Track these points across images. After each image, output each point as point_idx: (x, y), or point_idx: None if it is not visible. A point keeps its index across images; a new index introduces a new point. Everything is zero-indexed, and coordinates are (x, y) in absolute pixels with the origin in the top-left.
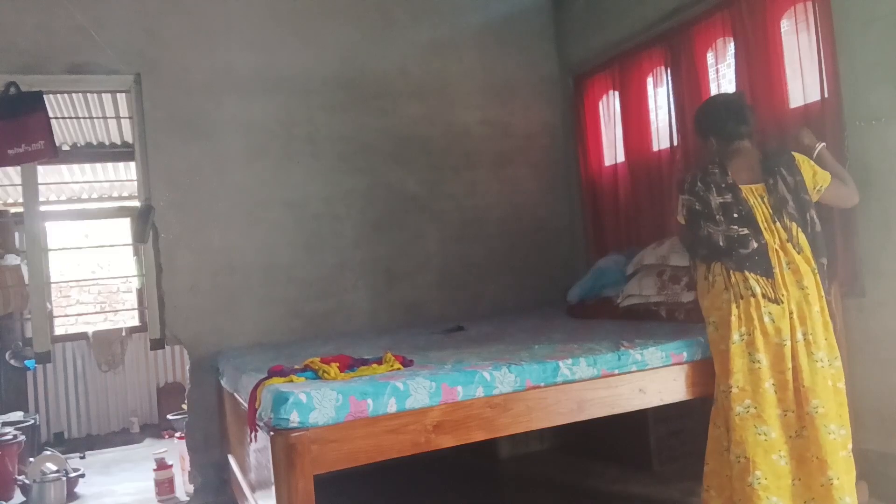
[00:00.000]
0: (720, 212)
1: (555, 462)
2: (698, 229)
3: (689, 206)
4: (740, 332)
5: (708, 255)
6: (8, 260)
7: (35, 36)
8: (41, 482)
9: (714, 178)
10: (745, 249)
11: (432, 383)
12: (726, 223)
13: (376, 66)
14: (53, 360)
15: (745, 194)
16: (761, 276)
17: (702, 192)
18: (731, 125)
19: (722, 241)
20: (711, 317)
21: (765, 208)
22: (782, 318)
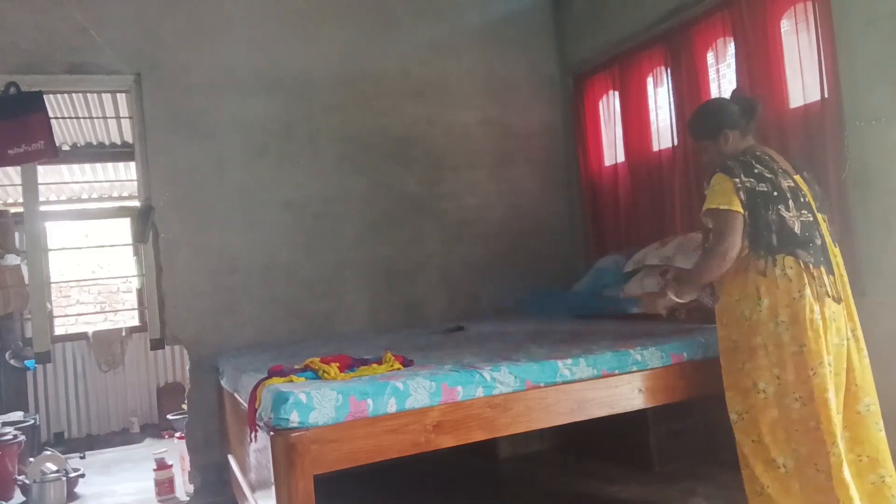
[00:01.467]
0: (789, 195)
1: (555, 462)
2: (764, 213)
3: (750, 188)
4: (819, 333)
5: (780, 244)
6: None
7: (35, 36)
8: (41, 482)
9: (768, 162)
10: (818, 240)
11: (432, 383)
12: (797, 208)
13: (376, 66)
14: (53, 360)
15: (798, 182)
16: (828, 271)
17: (767, 174)
18: (746, 119)
19: (798, 227)
20: (779, 315)
21: (810, 198)
22: (841, 315)
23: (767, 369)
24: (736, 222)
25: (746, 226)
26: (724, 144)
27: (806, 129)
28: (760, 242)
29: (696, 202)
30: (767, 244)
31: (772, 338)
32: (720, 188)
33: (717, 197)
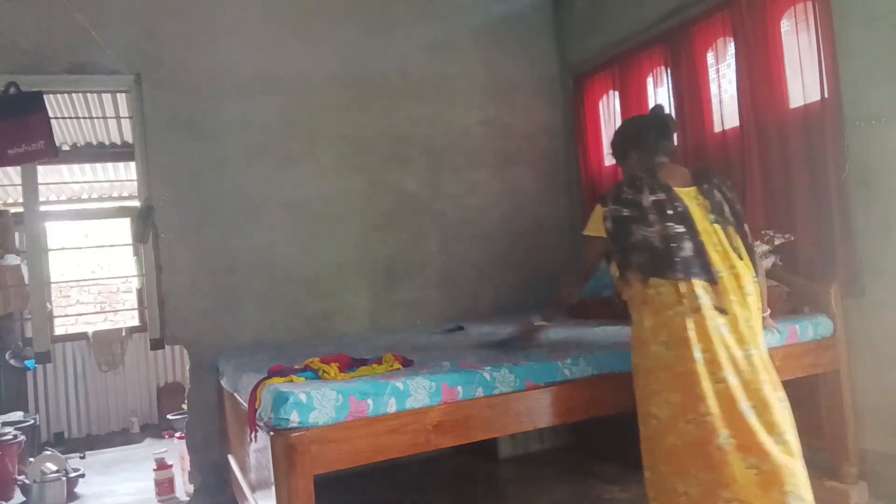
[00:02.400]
0: (653, 210)
1: (555, 462)
2: (628, 236)
3: (615, 214)
4: (699, 348)
5: (645, 262)
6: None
7: (35, 36)
8: (41, 482)
9: (643, 181)
10: (684, 251)
11: (432, 383)
12: (660, 221)
13: (376, 66)
14: (53, 360)
15: (678, 193)
16: (707, 281)
17: (630, 196)
18: (653, 138)
19: (658, 241)
20: (660, 335)
21: (700, 209)
22: (736, 327)
23: (659, 394)
24: (596, 247)
25: (616, 253)
26: (630, 167)
27: (806, 129)
28: (630, 266)
29: None
30: (638, 266)
31: (659, 360)
32: (593, 216)
33: (589, 224)
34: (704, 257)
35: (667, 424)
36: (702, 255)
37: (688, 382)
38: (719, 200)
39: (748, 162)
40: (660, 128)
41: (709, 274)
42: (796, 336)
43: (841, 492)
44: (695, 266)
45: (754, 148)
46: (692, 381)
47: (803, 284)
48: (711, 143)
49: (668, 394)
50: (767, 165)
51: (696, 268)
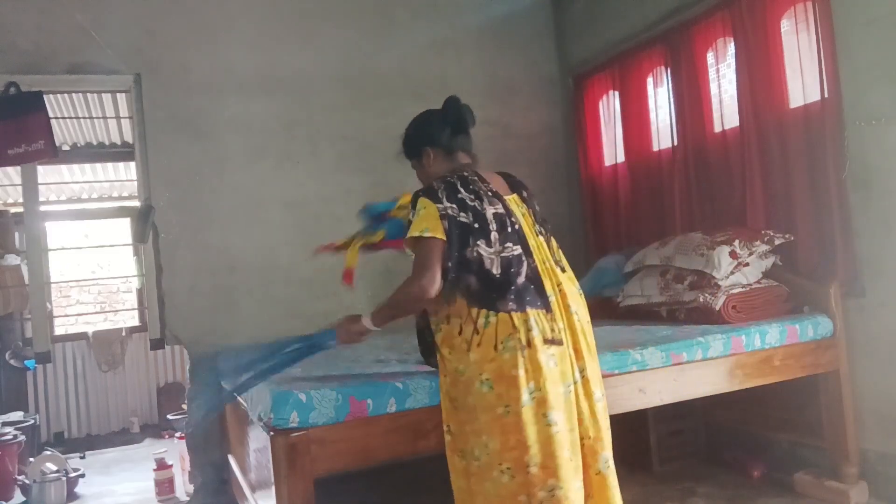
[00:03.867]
0: (495, 225)
1: None
2: (463, 250)
3: (453, 216)
4: (529, 388)
5: (477, 290)
6: (8, 260)
7: (35, 36)
8: (41, 482)
9: (477, 184)
10: (520, 277)
11: (432, 383)
12: (501, 241)
13: (376, 66)
14: (53, 360)
15: (509, 205)
16: (541, 309)
17: (470, 200)
18: (449, 132)
19: (497, 266)
20: (483, 372)
21: (525, 220)
22: (564, 358)
23: (478, 435)
24: (438, 252)
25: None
26: (427, 164)
27: (806, 129)
28: (459, 285)
29: (696, 202)
30: (467, 290)
31: (481, 399)
32: (425, 213)
33: (421, 223)
34: (539, 282)
35: (482, 472)
36: (537, 280)
37: (511, 427)
38: (537, 210)
39: (748, 162)
40: (456, 121)
41: (543, 300)
42: (796, 336)
43: (841, 492)
44: (529, 293)
45: (754, 148)
46: (517, 426)
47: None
48: (711, 143)
49: (486, 438)
50: (767, 165)
51: (530, 295)
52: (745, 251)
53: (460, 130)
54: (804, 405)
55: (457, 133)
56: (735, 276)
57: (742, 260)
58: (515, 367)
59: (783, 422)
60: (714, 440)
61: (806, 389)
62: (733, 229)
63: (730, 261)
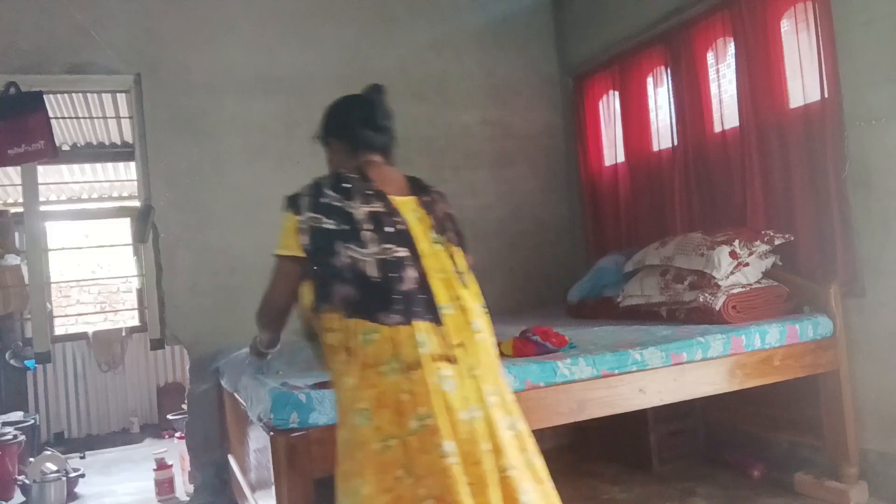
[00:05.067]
0: (369, 225)
1: (555, 462)
2: (332, 258)
3: (315, 226)
4: (418, 415)
5: (354, 298)
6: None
7: (35, 36)
8: (41, 482)
9: (354, 183)
10: (405, 284)
11: None
12: (378, 241)
13: (376, 66)
14: (53, 360)
15: (396, 204)
16: (430, 321)
17: (336, 203)
18: (357, 124)
19: (375, 269)
20: (361, 400)
21: (421, 225)
22: (463, 379)
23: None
24: (287, 272)
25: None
26: (331, 157)
27: (806, 129)
28: (331, 300)
29: (696, 202)
30: (342, 301)
31: (356, 434)
32: (283, 228)
33: (279, 240)
34: (429, 291)
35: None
36: (426, 289)
37: (390, 464)
38: (443, 215)
39: (748, 162)
40: (367, 111)
41: (433, 312)
42: (796, 336)
43: (841, 492)
44: (417, 303)
45: (754, 148)
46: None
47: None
48: (711, 143)
49: (359, 480)
50: (767, 165)
51: (418, 305)
52: (745, 251)
53: (370, 125)
54: (804, 405)
55: (365, 127)
56: (735, 276)
57: (742, 260)
58: (399, 392)
59: (783, 422)
60: (714, 440)
61: (806, 389)
62: (733, 229)
63: (730, 261)
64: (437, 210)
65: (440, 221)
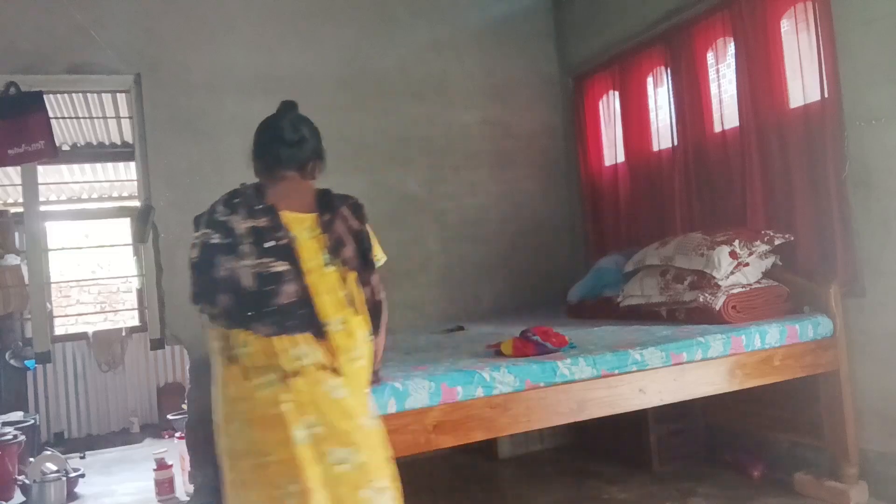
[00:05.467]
0: (249, 238)
1: (555, 462)
2: (214, 270)
3: (205, 241)
4: (306, 422)
5: (230, 308)
6: (8, 260)
7: (35, 36)
8: (41, 482)
9: (245, 198)
10: (281, 297)
11: (432, 383)
12: (256, 254)
13: (376, 66)
14: (53, 360)
15: (286, 220)
16: (313, 334)
17: (223, 218)
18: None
19: (250, 280)
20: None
21: (314, 243)
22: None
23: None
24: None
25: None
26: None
27: (806, 129)
28: (214, 309)
29: (696, 202)
30: (222, 312)
31: (233, 442)
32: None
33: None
34: (311, 305)
35: None
36: (307, 303)
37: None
38: (340, 236)
39: (748, 162)
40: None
41: (314, 326)
42: (796, 336)
43: (841, 492)
44: (296, 317)
45: (754, 148)
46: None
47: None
48: (711, 143)
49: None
50: (767, 165)
51: (296, 318)
52: (745, 251)
53: (278, 143)
54: (804, 405)
55: (273, 145)
56: (735, 276)
57: (742, 260)
58: (278, 404)
59: (783, 422)
60: (714, 440)
61: (806, 389)
62: (733, 229)
63: (730, 261)
64: (335, 230)
65: (335, 242)
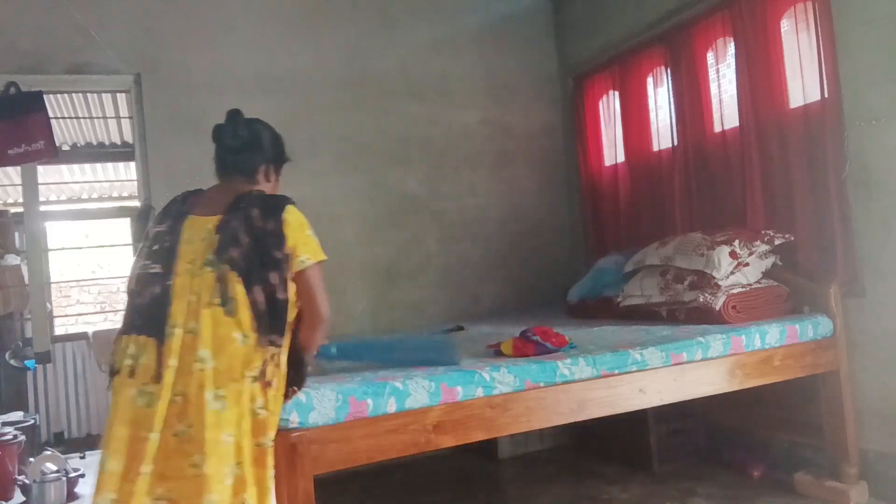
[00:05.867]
0: (148, 244)
1: (555, 462)
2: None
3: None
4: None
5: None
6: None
7: (35, 36)
8: (41, 482)
9: (174, 204)
10: (143, 298)
11: (432, 383)
12: (144, 258)
13: (376, 66)
14: (53, 360)
15: (186, 224)
16: (151, 337)
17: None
18: (220, 153)
19: (133, 283)
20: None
21: (202, 245)
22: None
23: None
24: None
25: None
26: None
27: (806, 129)
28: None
29: (696, 202)
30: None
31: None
32: None
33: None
34: (164, 308)
35: None
36: (161, 305)
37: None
38: (235, 235)
39: (748, 162)
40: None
41: (155, 329)
42: (796, 336)
43: (841, 492)
44: (145, 317)
45: (754, 148)
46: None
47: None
48: (711, 143)
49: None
50: (767, 165)
51: (145, 319)
52: (745, 251)
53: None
54: (804, 405)
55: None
56: (735, 276)
57: (742, 260)
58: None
59: (783, 422)
60: (714, 440)
61: (806, 389)
62: (733, 229)
63: (730, 261)
64: (229, 230)
65: (222, 244)
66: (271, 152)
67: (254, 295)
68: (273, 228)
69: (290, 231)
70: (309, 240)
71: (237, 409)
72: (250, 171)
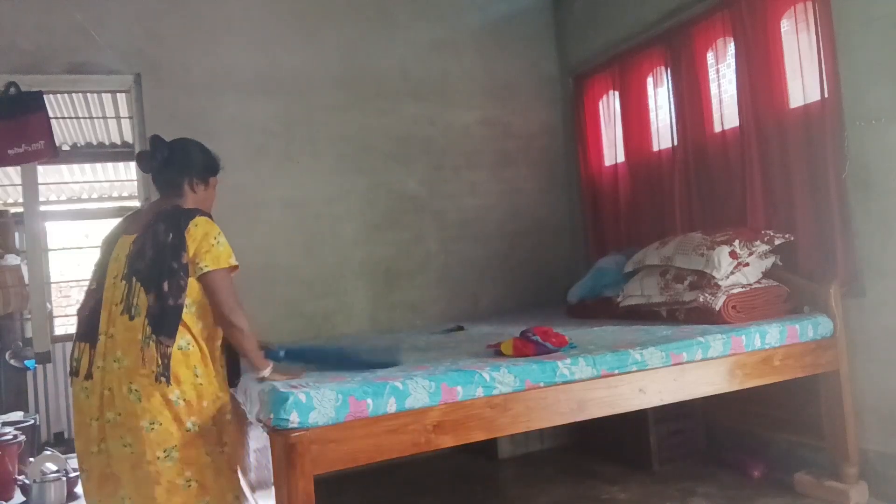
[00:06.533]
0: (101, 257)
1: (555, 462)
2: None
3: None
4: (91, 417)
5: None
6: (8, 260)
7: (35, 36)
8: (41, 482)
9: (115, 227)
10: (84, 310)
11: (432, 383)
12: (91, 276)
13: (376, 66)
14: (53, 360)
15: (118, 243)
16: (87, 342)
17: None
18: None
19: (83, 298)
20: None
21: (124, 261)
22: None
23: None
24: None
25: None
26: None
27: (806, 129)
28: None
29: (696, 202)
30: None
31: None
32: None
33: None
34: (96, 318)
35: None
36: (95, 315)
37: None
38: (141, 250)
39: (748, 162)
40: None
41: (90, 336)
42: (796, 336)
43: (841, 492)
44: (87, 327)
45: (754, 148)
46: (77, 459)
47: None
48: (711, 143)
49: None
50: (767, 165)
51: (84, 328)
52: (745, 251)
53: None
54: (804, 405)
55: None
56: (735, 276)
57: (742, 260)
58: (76, 399)
59: (783, 422)
60: (714, 440)
61: (806, 389)
62: (733, 229)
63: (730, 261)
64: (139, 245)
65: (132, 258)
66: (195, 167)
67: (150, 301)
68: (173, 241)
69: (192, 241)
70: (212, 248)
71: (154, 400)
72: (176, 186)
